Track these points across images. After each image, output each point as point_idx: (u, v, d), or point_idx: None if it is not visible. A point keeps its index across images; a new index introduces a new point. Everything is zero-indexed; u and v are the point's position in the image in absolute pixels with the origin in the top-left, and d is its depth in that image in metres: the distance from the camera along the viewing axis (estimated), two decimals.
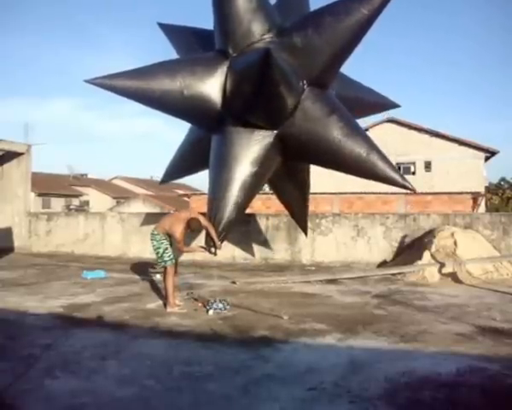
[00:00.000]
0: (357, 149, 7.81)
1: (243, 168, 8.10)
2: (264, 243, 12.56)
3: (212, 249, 7.68)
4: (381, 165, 7.84)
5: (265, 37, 8.06)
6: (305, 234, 10.95)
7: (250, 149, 8.20)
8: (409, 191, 8.33)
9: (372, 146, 7.99)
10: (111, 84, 7.89)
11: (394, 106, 11.01)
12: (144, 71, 8.12)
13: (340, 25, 7.65)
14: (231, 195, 8.02)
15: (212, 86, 8.13)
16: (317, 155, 8.34)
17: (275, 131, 8.24)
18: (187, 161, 10.24)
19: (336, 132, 7.86)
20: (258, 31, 8.02)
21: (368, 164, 7.83)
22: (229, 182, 8.08)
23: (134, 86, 7.94)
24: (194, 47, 9.21)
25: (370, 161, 7.81)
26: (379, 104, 10.78)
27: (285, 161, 8.80)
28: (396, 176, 7.93)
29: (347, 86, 9.43)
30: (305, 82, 7.98)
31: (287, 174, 9.43)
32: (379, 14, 7.62)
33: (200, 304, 6.88)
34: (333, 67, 8.23)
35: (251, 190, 8.31)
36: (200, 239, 7.58)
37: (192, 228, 6.93)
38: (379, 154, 7.94)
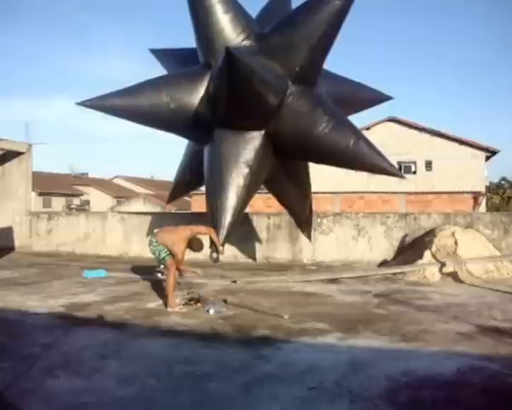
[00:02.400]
0: (344, 141, 7.89)
1: (236, 172, 8.19)
2: (266, 242, 12.56)
3: (214, 255, 7.74)
4: (368, 154, 7.92)
5: (245, 43, 8.22)
6: (309, 239, 11.03)
7: (240, 152, 8.30)
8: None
9: (359, 136, 8.08)
10: (101, 104, 8.23)
11: (387, 98, 11.01)
12: (132, 89, 8.36)
13: (314, 19, 7.81)
14: (228, 200, 8.09)
15: (197, 97, 8.31)
16: (305, 150, 8.44)
17: (263, 131, 8.34)
18: (187, 175, 10.41)
19: (322, 126, 7.94)
20: (236, 38, 8.17)
21: (355, 154, 7.92)
22: (224, 188, 8.16)
23: (123, 104, 8.24)
24: (185, 66, 9.33)
25: (358, 151, 7.89)
26: (372, 98, 10.81)
27: (280, 162, 8.91)
28: (384, 164, 7.96)
29: (337, 83, 9.55)
30: (288, 81, 8.09)
31: (285, 177, 9.51)
32: (352, 3, 7.77)
33: (199, 303, 6.88)
34: (314, 61, 8.31)
35: (247, 192, 8.37)
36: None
37: (193, 248, 6.94)
38: (366, 143, 8.02)
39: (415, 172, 31.81)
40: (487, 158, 31.38)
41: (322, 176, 28.54)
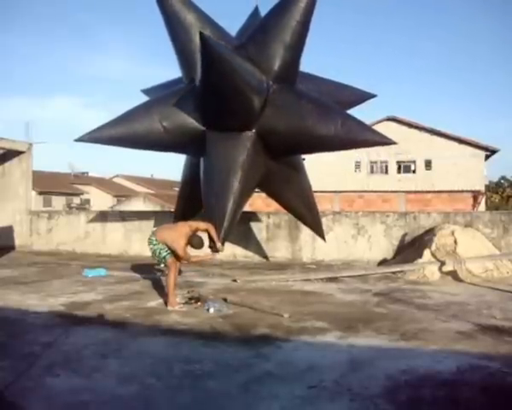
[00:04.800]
0: (333, 124, 8.05)
1: (229, 173, 8.30)
2: (265, 241, 12.56)
3: (214, 250, 7.73)
4: (358, 130, 8.14)
5: None
6: (323, 239, 10.97)
7: (232, 153, 8.44)
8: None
9: (346, 116, 8.33)
10: (98, 137, 8.64)
11: (370, 97, 11.03)
12: (125, 117, 8.69)
13: (283, 20, 8.22)
14: (223, 202, 8.17)
15: (188, 110, 8.56)
16: (298, 143, 8.58)
17: (253, 131, 8.50)
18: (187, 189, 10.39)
19: (309, 115, 8.17)
20: None
21: (346, 134, 8.07)
22: (218, 189, 8.29)
23: (119, 134, 8.60)
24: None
25: (347, 130, 8.06)
26: (354, 98, 10.80)
27: (274, 162, 9.03)
28: (375, 137, 8.22)
29: (318, 84, 9.66)
30: (270, 82, 8.35)
31: (281, 177, 9.59)
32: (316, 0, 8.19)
33: (199, 302, 6.88)
34: (290, 59, 8.55)
35: (242, 192, 8.45)
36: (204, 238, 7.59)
37: (194, 245, 6.94)
38: (354, 120, 8.26)
39: (414, 172, 31.88)
40: (487, 157, 31.40)
41: (321, 175, 28.62)
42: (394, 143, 8.10)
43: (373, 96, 11.01)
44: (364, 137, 8.18)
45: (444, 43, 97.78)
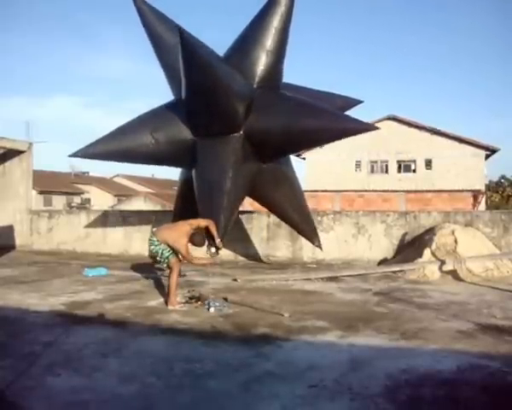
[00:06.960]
0: (318, 117, 8.33)
1: (222, 175, 8.43)
2: (266, 240, 12.56)
3: (213, 249, 7.71)
4: (343, 121, 8.46)
5: None
6: (320, 248, 10.85)
7: (222, 155, 8.58)
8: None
9: (329, 109, 8.63)
10: (92, 152, 8.87)
11: (357, 103, 11.08)
12: (118, 132, 8.92)
13: (262, 26, 8.60)
14: (219, 202, 8.26)
15: (178, 124, 8.79)
16: (285, 140, 8.74)
17: (241, 133, 8.65)
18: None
19: (294, 112, 8.47)
20: None
21: (332, 126, 8.37)
22: (211, 190, 8.42)
23: (112, 147, 8.85)
24: None
25: (333, 122, 8.38)
26: (340, 105, 10.68)
27: (265, 168, 9.20)
28: (357, 125, 8.45)
29: (302, 94, 9.68)
30: (254, 86, 8.66)
31: (273, 184, 9.65)
32: (293, 7, 8.59)
33: (199, 302, 6.87)
34: (273, 63, 8.83)
35: (236, 191, 8.53)
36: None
37: (195, 243, 6.94)
38: (337, 113, 8.68)
39: (414, 171, 31.90)
40: (487, 156, 31.40)
41: (322, 175, 28.61)
42: (377, 128, 8.45)
43: (359, 102, 11.11)
44: (349, 125, 8.42)
45: (444, 42, 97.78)
